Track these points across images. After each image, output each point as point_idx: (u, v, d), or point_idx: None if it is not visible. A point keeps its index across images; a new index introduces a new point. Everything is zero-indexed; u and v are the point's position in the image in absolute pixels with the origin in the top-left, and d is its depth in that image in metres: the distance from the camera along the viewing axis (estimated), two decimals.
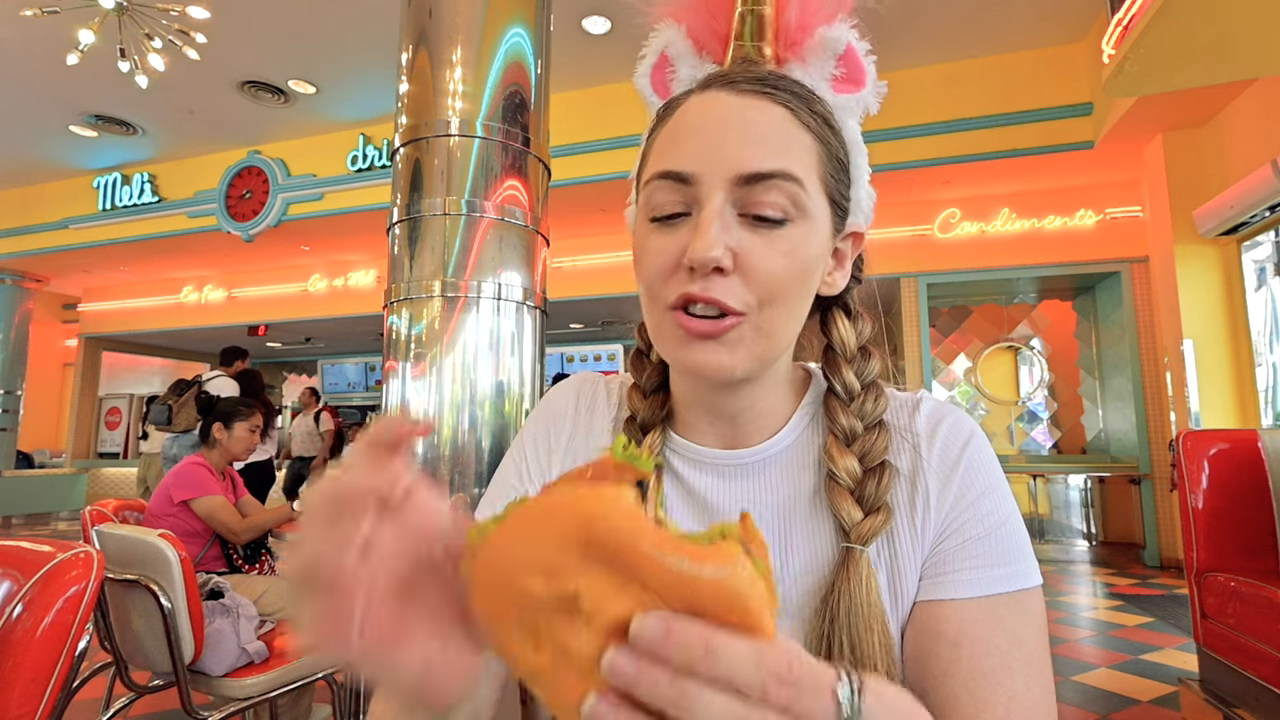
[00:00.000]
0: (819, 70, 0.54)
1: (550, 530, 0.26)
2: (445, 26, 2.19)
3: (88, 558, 0.94)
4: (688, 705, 0.22)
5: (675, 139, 0.50)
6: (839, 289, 0.56)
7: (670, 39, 0.57)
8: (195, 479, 2.42)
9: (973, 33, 4.78)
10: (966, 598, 0.48)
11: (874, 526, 0.50)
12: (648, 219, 0.50)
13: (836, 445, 0.53)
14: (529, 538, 0.26)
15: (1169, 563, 5.20)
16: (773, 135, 0.48)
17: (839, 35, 0.53)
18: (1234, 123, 4.37)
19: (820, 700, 0.23)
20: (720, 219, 0.46)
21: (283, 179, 6.57)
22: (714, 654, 0.23)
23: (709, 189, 0.47)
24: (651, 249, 0.50)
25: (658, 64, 0.58)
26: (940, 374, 6.69)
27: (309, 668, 1.92)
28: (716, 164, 0.47)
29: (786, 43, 0.54)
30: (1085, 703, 2.62)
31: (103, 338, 9.71)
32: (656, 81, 0.58)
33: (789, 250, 0.48)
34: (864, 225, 0.56)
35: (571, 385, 0.66)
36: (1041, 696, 0.47)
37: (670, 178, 0.48)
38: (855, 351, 0.57)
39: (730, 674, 0.23)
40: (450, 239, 2.07)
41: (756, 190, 0.46)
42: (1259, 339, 4.36)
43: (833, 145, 0.51)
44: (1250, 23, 2.72)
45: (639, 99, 0.59)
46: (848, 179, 0.53)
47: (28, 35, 4.84)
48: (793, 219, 0.48)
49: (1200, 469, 2.36)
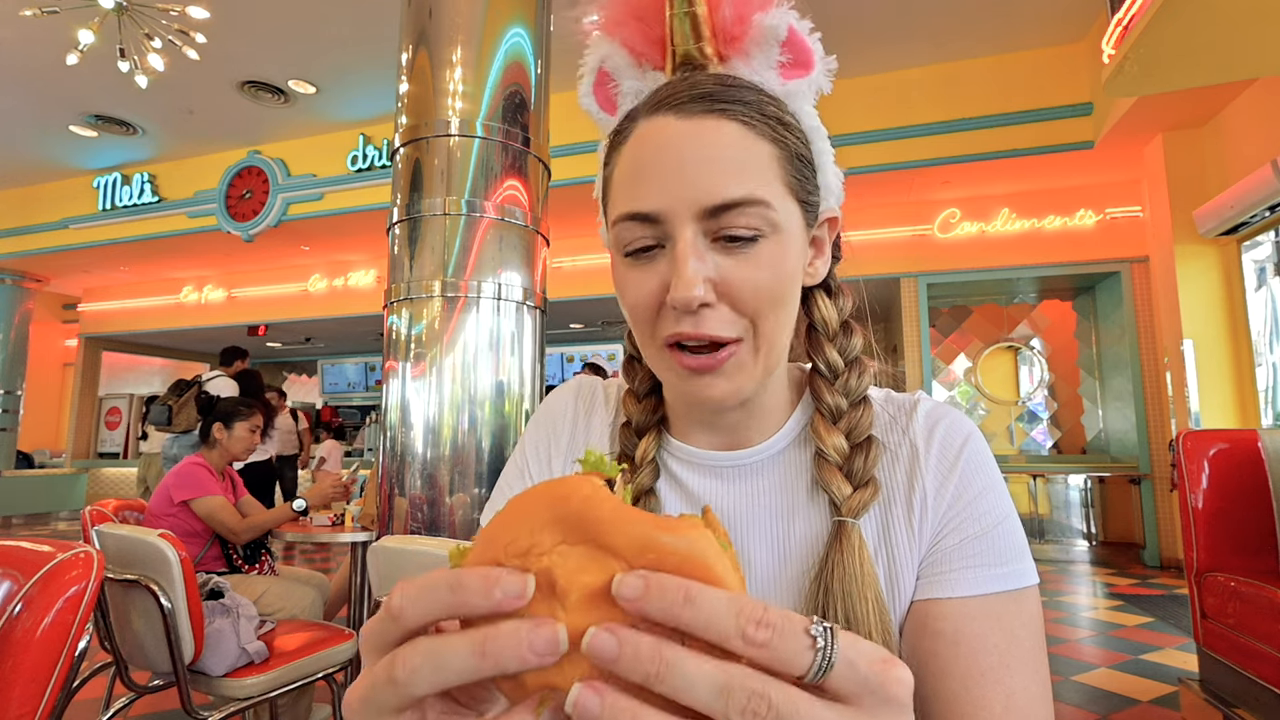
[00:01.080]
0: (764, 61, 0.52)
1: (521, 518, 0.27)
2: (445, 26, 2.19)
3: (88, 558, 0.94)
4: (667, 674, 0.23)
5: (633, 177, 0.49)
6: (822, 276, 0.56)
7: (606, 53, 0.55)
8: (195, 479, 2.43)
9: (973, 33, 4.78)
10: (964, 596, 0.48)
11: (863, 499, 0.51)
12: (620, 254, 0.50)
13: (823, 423, 0.54)
14: (502, 529, 0.27)
15: (1169, 563, 5.20)
16: (730, 158, 0.47)
17: (777, 21, 0.51)
18: (1234, 123, 4.37)
19: (795, 641, 0.23)
20: (694, 252, 0.46)
21: (283, 179, 6.57)
22: (693, 602, 0.23)
23: (677, 225, 0.47)
24: (631, 284, 0.50)
25: (598, 81, 0.56)
26: (940, 374, 6.69)
27: (309, 667, 1.92)
28: (679, 200, 0.46)
29: (726, 39, 0.52)
30: (1085, 703, 2.62)
31: (103, 338, 9.71)
32: (601, 99, 0.57)
33: (768, 264, 0.47)
34: (836, 207, 0.55)
35: (570, 389, 0.66)
36: (1039, 695, 0.47)
37: (636, 219, 0.48)
38: (838, 329, 0.57)
39: (709, 621, 0.23)
40: (450, 239, 2.07)
41: (724, 217, 0.46)
42: (1259, 339, 4.36)
43: (791, 144, 0.50)
44: (1250, 23, 2.72)
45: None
46: (812, 169, 0.52)
47: (28, 35, 4.84)
48: (765, 234, 0.47)
49: (1200, 469, 2.36)
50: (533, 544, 0.26)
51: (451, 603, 0.25)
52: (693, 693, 0.23)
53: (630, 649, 0.23)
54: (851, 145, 5.15)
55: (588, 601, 0.25)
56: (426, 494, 1.98)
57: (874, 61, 5.09)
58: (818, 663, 0.23)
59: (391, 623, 0.26)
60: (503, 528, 0.27)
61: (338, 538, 2.51)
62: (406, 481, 1.99)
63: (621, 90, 0.55)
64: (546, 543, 0.26)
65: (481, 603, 0.25)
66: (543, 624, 0.24)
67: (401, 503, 1.99)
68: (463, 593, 0.25)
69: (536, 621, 0.24)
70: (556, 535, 0.26)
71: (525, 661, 0.24)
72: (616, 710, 0.23)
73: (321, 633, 2.06)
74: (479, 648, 0.24)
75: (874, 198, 5.92)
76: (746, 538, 0.54)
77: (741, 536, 0.54)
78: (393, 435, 2.03)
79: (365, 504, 2.67)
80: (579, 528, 0.26)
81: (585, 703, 0.23)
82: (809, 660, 0.23)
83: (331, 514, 2.78)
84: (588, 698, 0.23)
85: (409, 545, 1.42)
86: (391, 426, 2.04)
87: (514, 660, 0.24)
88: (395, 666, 0.25)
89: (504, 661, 0.24)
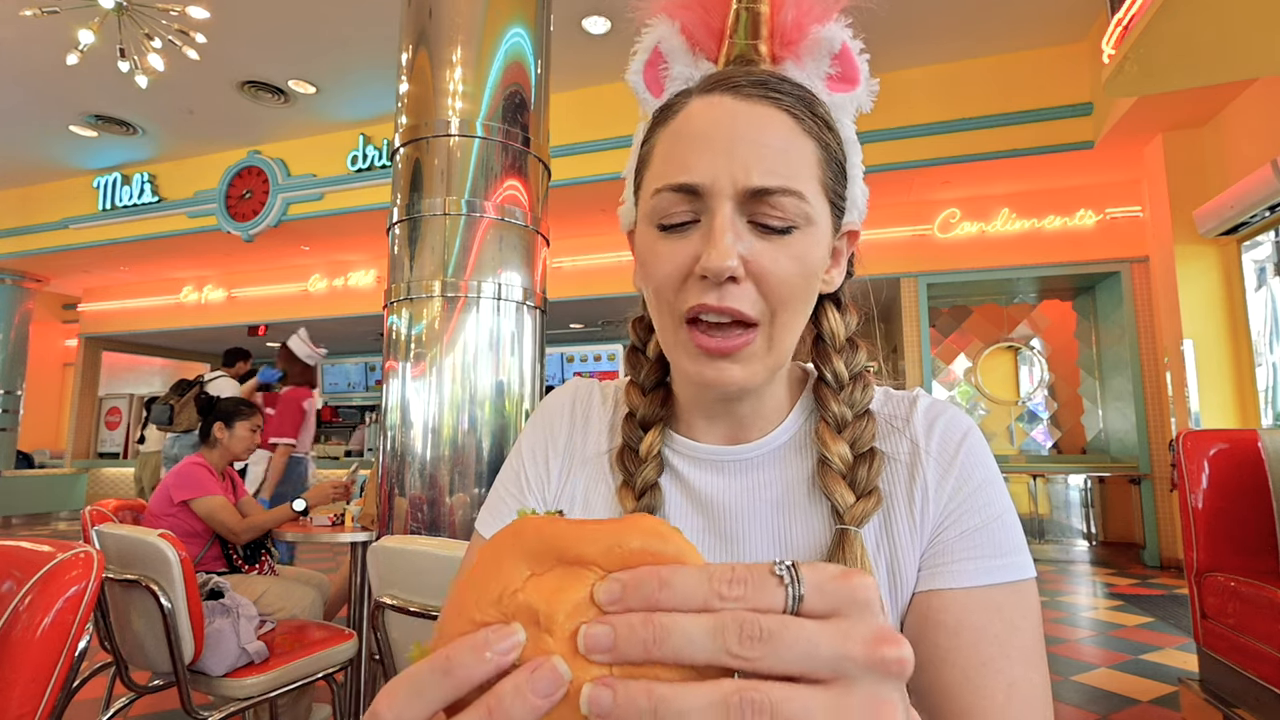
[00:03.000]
0: (815, 69, 0.54)
1: (484, 571, 0.27)
2: (445, 26, 2.19)
3: (88, 558, 0.94)
4: (665, 636, 0.24)
5: (681, 148, 0.50)
6: (836, 286, 0.57)
7: (663, 35, 0.56)
8: (195, 479, 2.43)
9: (973, 33, 4.78)
10: (965, 587, 0.49)
11: (866, 509, 0.51)
12: (654, 225, 0.51)
13: (829, 432, 0.54)
14: (469, 589, 0.27)
15: (1169, 563, 5.20)
16: (778, 146, 0.48)
17: (834, 34, 0.53)
18: (1234, 123, 4.37)
19: (766, 586, 0.24)
20: (733, 228, 0.47)
21: (283, 179, 6.57)
22: (669, 584, 0.24)
23: (718, 200, 0.48)
24: (662, 255, 0.50)
25: (650, 60, 0.57)
26: (940, 374, 6.69)
27: (309, 667, 1.92)
28: (725, 176, 0.47)
29: (782, 41, 0.54)
30: (1085, 703, 2.62)
31: (103, 338, 9.71)
32: (650, 79, 0.58)
33: (798, 255, 0.49)
34: (859, 222, 0.57)
35: (566, 391, 0.66)
36: (1040, 685, 0.47)
37: (681, 190, 0.49)
38: (844, 343, 0.58)
39: (687, 595, 0.24)
40: (450, 239, 2.07)
41: (764, 202, 0.48)
42: (1259, 339, 4.36)
43: (832, 148, 0.52)
44: (1250, 23, 2.72)
45: (634, 96, 0.59)
46: (845, 179, 0.54)
47: (28, 35, 4.84)
48: (799, 226, 0.49)
49: (1200, 469, 2.36)
50: (504, 587, 0.26)
51: (447, 689, 0.24)
52: (691, 646, 0.24)
53: (624, 627, 0.24)
54: None
55: (573, 618, 0.25)
56: (426, 494, 1.98)
57: (874, 61, 4.97)
58: (791, 598, 0.24)
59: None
60: (468, 588, 0.27)
61: (338, 538, 2.51)
62: (406, 481, 1.99)
63: (671, 75, 0.56)
64: (516, 580, 0.26)
65: (479, 674, 0.24)
66: (539, 666, 0.24)
67: (401, 503, 1.99)
68: (455, 672, 0.24)
69: (531, 667, 0.24)
70: (524, 570, 0.26)
71: (538, 710, 0.23)
72: (631, 694, 0.23)
73: (321, 633, 2.06)
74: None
75: (874, 198, 5.75)
76: (748, 530, 0.55)
77: (744, 529, 0.55)
78: (393, 435, 2.03)
79: (365, 504, 2.67)
80: (543, 554, 0.26)
81: (599, 698, 0.23)
82: (782, 598, 0.24)
83: (331, 514, 2.78)
84: (600, 692, 0.23)
85: (409, 545, 1.42)
86: (391, 426, 2.04)
87: (527, 715, 0.23)
88: None
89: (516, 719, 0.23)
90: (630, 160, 0.57)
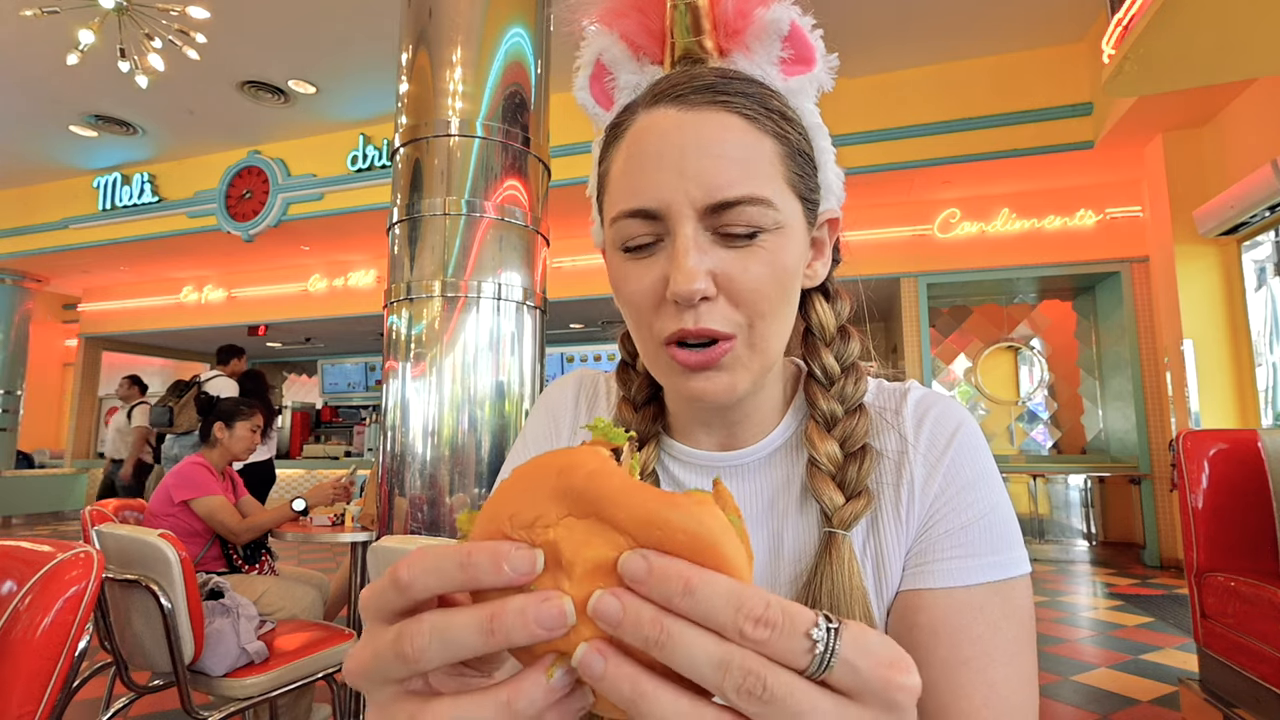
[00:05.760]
0: (765, 56, 0.51)
1: (528, 488, 0.27)
2: (445, 26, 2.19)
3: (88, 558, 0.94)
4: (669, 644, 0.23)
5: (634, 171, 0.48)
6: (821, 278, 0.55)
7: (603, 46, 0.54)
8: (195, 479, 2.43)
9: (973, 33, 4.78)
10: (947, 587, 0.48)
11: (855, 511, 0.50)
12: (619, 249, 0.49)
13: (817, 430, 0.53)
14: (509, 499, 0.27)
15: (1169, 563, 5.20)
16: (734, 155, 0.46)
17: (780, 15, 0.50)
18: (1234, 123, 4.37)
19: (793, 639, 0.23)
20: (695, 247, 0.45)
21: (283, 179, 6.57)
22: (692, 593, 0.23)
23: (677, 221, 0.46)
24: (631, 279, 0.49)
25: (594, 74, 0.55)
26: (940, 374, 6.69)
27: (309, 667, 1.92)
28: (681, 196, 0.45)
29: (727, 32, 0.51)
30: (1085, 703, 2.62)
31: (103, 338, 9.71)
32: (597, 93, 0.56)
33: (768, 260, 0.47)
34: (837, 208, 0.55)
35: (571, 381, 0.66)
36: (1021, 686, 0.46)
37: (636, 216, 0.47)
38: (834, 333, 0.56)
39: (708, 612, 0.23)
40: (450, 239, 2.07)
41: (726, 215, 0.46)
42: (1259, 339, 4.36)
43: (793, 139, 0.49)
44: (1250, 23, 2.72)
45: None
46: (813, 167, 0.52)
47: (28, 35, 4.84)
48: (767, 230, 0.47)
49: (1200, 469, 2.36)
50: (538, 516, 0.26)
51: (460, 579, 0.26)
52: (692, 664, 0.23)
53: (633, 615, 0.24)
54: (851, 145, 5.15)
55: (593, 575, 0.25)
56: (426, 494, 1.98)
57: (873, 61, 5.09)
58: (815, 664, 0.23)
59: (397, 593, 0.26)
60: (508, 498, 0.27)
61: (338, 538, 2.51)
62: (406, 481, 1.99)
63: (619, 84, 0.54)
64: (552, 515, 0.26)
65: (491, 580, 0.25)
66: (549, 599, 0.25)
67: (401, 503, 1.99)
68: (472, 570, 0.25)
69: (543, 596, 0.25)
70: (563, 508, 0.26)
71: (534, 636, 0.24)
72: (618, 674, 0.24)
73: (321, 633, 2.06)
74: (487, 625, 0.24)
75: (874, 198, 5.92)
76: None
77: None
78: (393, 435, 2.03)
79: (365, 504, 2.67)
80: (585, 501, 0.26)
81: (590, 662, 0.24)
82: (806, 661, 0.23)
83: (331, 514, 2.78)
84: (592, 658, 0.24)
85: (409, 545, 1.42)
86: (391, 426, 2.04)
87: (523, 636, 0.24)
88: (402, 642, 0.25)
89: (513, 637, 0.24)
90: (590, 181, 0.56)
